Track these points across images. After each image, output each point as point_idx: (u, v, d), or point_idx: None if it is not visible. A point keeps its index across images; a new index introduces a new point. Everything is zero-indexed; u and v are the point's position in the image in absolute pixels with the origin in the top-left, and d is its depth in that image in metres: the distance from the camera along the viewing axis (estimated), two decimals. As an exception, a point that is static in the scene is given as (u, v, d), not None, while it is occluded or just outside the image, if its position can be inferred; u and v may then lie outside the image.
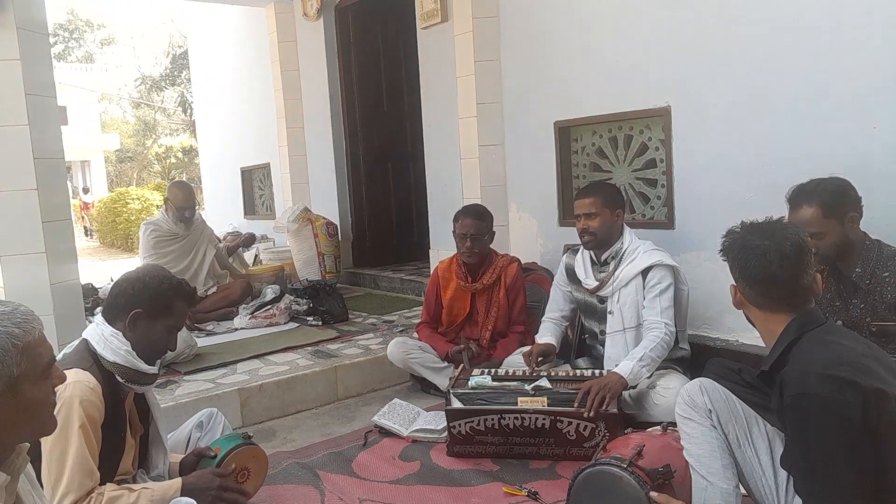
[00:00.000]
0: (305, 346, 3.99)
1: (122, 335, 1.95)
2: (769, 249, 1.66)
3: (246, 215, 7.85)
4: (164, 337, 2.02)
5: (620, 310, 2.95)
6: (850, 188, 2.33)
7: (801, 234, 1.70)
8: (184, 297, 2.06)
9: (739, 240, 1.73)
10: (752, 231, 1.73)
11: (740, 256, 1.70)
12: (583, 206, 2.99)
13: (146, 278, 2.02)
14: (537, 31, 4.12)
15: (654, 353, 2.76)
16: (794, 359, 1.60)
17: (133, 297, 1.98)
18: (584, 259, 3.12)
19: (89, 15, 29.84)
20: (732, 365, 2.43)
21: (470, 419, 2.67)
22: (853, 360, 1.51)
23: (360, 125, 6.18)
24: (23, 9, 3.25)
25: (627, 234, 3.03)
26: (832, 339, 1.61)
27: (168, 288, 2.02)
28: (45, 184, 3.33)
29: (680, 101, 3.42)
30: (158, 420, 2.14)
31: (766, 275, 1.66)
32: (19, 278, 3.28)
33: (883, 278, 2.25)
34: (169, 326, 2.03)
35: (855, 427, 1.44)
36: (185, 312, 2.08)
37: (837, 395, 1.45)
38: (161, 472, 2.13)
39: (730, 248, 1.75)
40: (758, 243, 1.68)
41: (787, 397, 1.54)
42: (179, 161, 28.00)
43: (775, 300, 1.67)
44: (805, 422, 1.49)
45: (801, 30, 2.92)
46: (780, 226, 1.74)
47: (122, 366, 1.94)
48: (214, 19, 7.87)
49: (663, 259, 2.91)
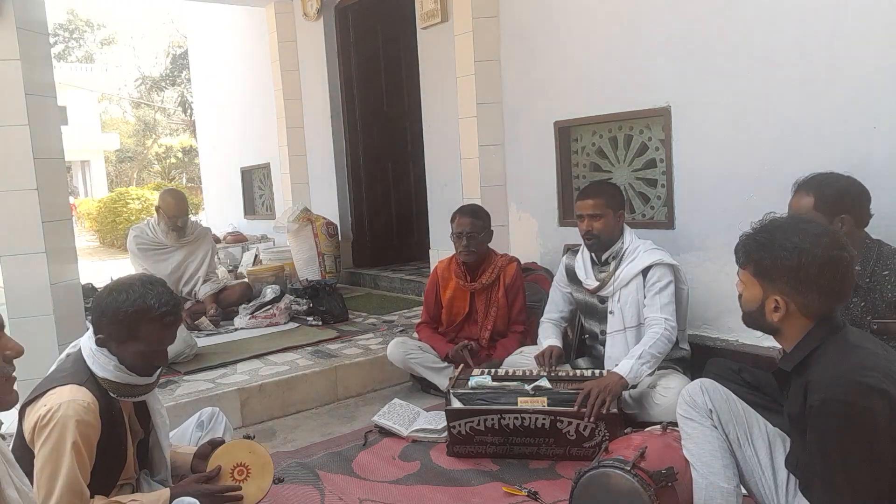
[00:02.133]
0: (305, 346, 3.99)
1: (107, 350, 1.89)
2: (849, 255, 1.57)
3: (246, 215, 7.85)
4: (138, 361, 1.89)
5: (621, 309, 2.96)
6: (855, 193, 2.33)
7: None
8: (150, 320, 1.86)
9: (819, 246, 1.56)
10: (823, 238, 1.57)
11: (828, 273, 1.55)
12: (586, 206, 2.99)
13: (105, 303, 1.88)
14: (537, 31, 4.12)
15: (654, 349, 2.75)
16: (819, 362, 1.57)
17: (96, 321, 1.89)
18: (585, 259, 3.12)
19: (89, 15, 29.86)
20: (733, 365, 2.43)
21: (470, 419, 2.67)
22: (882, 366, 1.49)
23: (360, 125, 6.17)
24: (23, 9, 3.25)
25: (627, 233, 3.03)
26: (857, 342, 1.58)
27: (130, 313, 1.85)
28: (45, 184, 3.33)
29: (680, 101, 3.42)
30: (159, 425, 2.10)
31: (841, 282, 1.57)
32: (19, 278, 3.28)
33: (883, 276, 2.26)
34: (139, 352, 1.88)
35: (880, 435, 1.42)
36: (159, 337, 1.90)
37: (865, 402, 1.43)
38: (164, 476, 2.11)
39: (811, 257, 1.56)
40: (838, 254, 1.56)
41: (812, 400, 1.51)
42: (179, 161, 28.00)
43: (840, 308, 1.60)
44: (829, 427, 1.47)
45: (801, 30, 2.92)
46: (805, 224, 1.64)
47: (112, 381, 1.89)
48: (214, 19, 7.87)
49: (663, 258, 2.91)
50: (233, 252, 6.90)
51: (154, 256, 4.57)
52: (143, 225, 4.71)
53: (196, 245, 4.74)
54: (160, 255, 4.58)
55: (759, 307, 1.67)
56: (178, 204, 4.59)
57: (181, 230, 4.61)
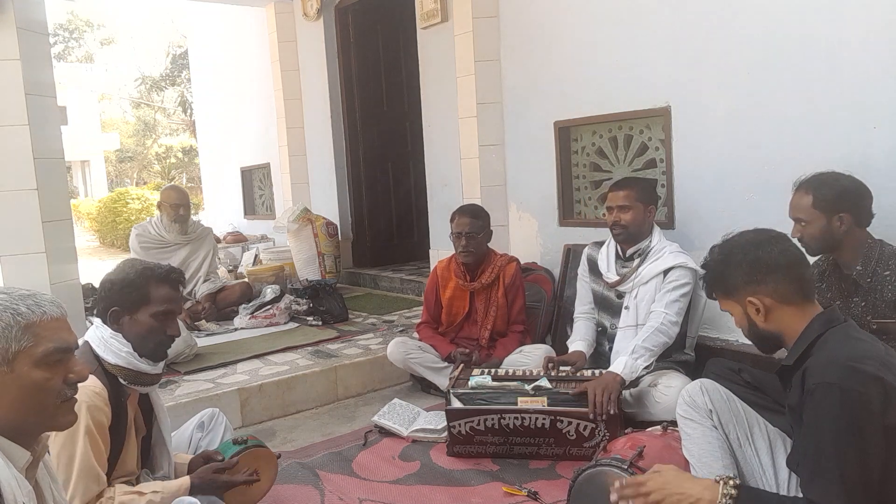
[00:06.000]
0: (305, 346, 3.99)
1: (122, 337, 1.94)
2: (778, 234, 1.69)
3: (246, 215, 7.85)
4: (154, 326, 1.95)
5: (636, 306, 2.96)
6: (855, 192, 2.33)
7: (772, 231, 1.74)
8: (158, 279, 1.96)
9: (744, 243, 1.70)
10: (745, 235, 1.72)
11: (765, 252, 1.65)
12: (617, 198, 3.00)
13: (113, 275, 1.98)
14: (537, 31, 4.12)
15: (648, 343, 2.76)
16: (817, 352, 1.58)
17: (107, 297, 1.95)
18: (609, 252, 3.11)
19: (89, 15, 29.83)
20: (733, 365, 2.43)
21: (470, 419, 2.67)
22: (879, 356, 1.50)
23: (360, 125, 6.17)
24: (23, 9, 3.25)
25: (657, 233, 3.04)
26: (857, 335, 1.60)
27: (136, 276, 1.95)
28: (45, 184, 3.33)
29: (680, 101, 3.42)
30: (162, 421, 2.13)
31: (797, 256, 1.67)
32: (19, 278, 3.28)
33: (884, 277, 2.26)
34: (154, 313, 1.95)
35: (873, 423, 1.43)
36: (168, 294, 1.98)
37: (860, 387, 1.43)
38: (166, 472, 2.12)
39: (743, 254, 1.67)
40: (766, 236, 1.69)
41: (808, 385, 1.52)
42: (179, 161, 27.98)
43: (808, 281, 1.66)
44: (823, 410, 1.47)
45: (801, 30, 2.92)
46: (755, 230, 1.76)
47: (124, 368, 1.93)
48: (214, 19, 7.87)
49: (687, 262, 2.91)
50: (233, 252, 6.90)
51: (157, 254, 4.58)
52: (146, 223, 4.77)
53: (198, 244, 4.79)
54: (163, 254, 4.59)
55: (747, 321, 1.71)
56: (180, 194, 4.73)
57: (184, 221, 4.67)
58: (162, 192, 4.84)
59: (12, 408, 1.21)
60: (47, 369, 1.24)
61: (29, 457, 1.24)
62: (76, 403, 1.32)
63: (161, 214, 4.70)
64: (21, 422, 1.23)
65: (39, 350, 1.23)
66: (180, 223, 4.66)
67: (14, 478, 1.18)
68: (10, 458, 1.20)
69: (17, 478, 1.19)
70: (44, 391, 1.24)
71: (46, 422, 1.28)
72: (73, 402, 1.31)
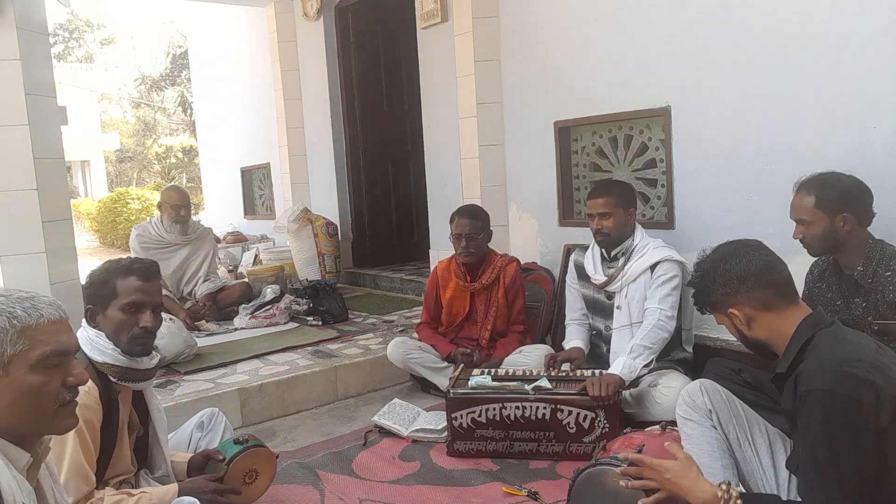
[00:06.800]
0: (305, 346, 3.99)
1: (105, 335, 1.96)
2: (745, 245, 1.73)
3: (246, 215, 7.85)
4: (123, 319, 1.94)
5: (628, 305, 2.96)
6: (857, 192, 2.33)
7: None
8: (122, 272, 1.97)
9: (714, 258, 1.75)
10: (716, 251, 1.77)
11: (733, 265, 1.70)
12: (596, 206, 3.00)
13: (88, 277, 2.02)
14: (537, 30, 4.12)
15: (646, 340, 2.77)
16: (808, 357, 1.58)
17: (84, 298, 2.02)
18: (594, 255, 3.13)
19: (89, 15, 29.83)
20: (733, 365, 2.43)
21: (472, 409, 2.68)
22: (870, 358, 1.50)
23: (360, 125, 6.17)
24: (23, 9, 3.25)
25: (639, 230, 3.05)
26: (847, 336, 1.60)
27: (101, 273, 1.99)
28: (45, 184, 3.33)
29: (680, 101, 3.42)
30: (157, 420, 2.13)
31: (766, 263, 1.69)
32: (19, 278, 3.28)
33: (885, 277, 2.25)
34: (122, 306, 1.94)
35: (866, 426, 1.43)
36: (134, 285, 1.96)
37: (852, 392, 1.44)
38: (165, 472, 2.12)
39: (714, 269, 1.73)
40: (733, 248, 1.73)
41: (800, 390, 1.53)
42: (179, 161, 27.97)
43: (784, 285, 1.68)
44: (816, 416, 1.47)
45: (801, 30, 2.92)
46: (725, 243, 1.79)
47: (112, 365, 1.94)
48: (214, 19, 7.87)
49: (672, 255, 2.93)
50: (233, 252, 6.90)
51: (157, 255, 4.56)
52: (146, 223, 4.76)
53: (198, 244, 4.78)
54: (163, 254, 4.59)
55: (736, 331, 1.75)
56: (181, 194, 4.71)
57: (184, 222, 4.67)
58: (162, 192, 4.82)
59: (9, 411, 1.21)
60: (44, 373, 1.23)
61: (29, 458, 1.24)
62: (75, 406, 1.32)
63: (161, 215, 4.68)
64: (19, 425, 1.23)
65: (35, 354, 1.22)
66: (181, 224, 4.65)
67: (14, 479, 1.17)
68: (10, 460, 1.20)
69: (17, 479, 1.19)
70: (40, 395, 1.24)
71: (44, 425, 1.27)
72: (73, 405, 1.30)
